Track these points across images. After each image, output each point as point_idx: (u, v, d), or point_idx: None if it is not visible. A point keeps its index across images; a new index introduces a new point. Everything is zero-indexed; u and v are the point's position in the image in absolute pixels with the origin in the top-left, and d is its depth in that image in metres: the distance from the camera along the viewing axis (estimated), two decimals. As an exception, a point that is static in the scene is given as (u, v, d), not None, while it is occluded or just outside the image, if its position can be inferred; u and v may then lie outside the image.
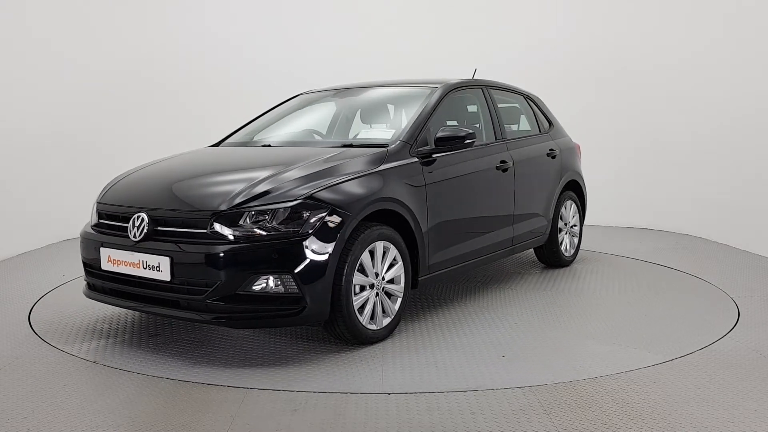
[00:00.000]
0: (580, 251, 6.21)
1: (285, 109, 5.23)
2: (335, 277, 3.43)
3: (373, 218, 3.75)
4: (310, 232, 3.34)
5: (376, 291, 3.70)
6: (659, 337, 3.90)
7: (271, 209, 3.35)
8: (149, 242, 3.48)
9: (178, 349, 3.70)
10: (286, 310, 3.33)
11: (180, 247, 3.38)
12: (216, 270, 3.28)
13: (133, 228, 3.57)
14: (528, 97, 5.74)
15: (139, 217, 3.57)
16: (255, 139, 4.82)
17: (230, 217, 3.35)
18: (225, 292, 3.29)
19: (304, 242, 3.31)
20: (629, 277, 5.39)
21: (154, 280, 3.45)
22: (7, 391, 3.12)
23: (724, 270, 5.57)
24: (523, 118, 5.64)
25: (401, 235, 3.88)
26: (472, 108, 5.12)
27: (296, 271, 3.29)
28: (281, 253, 3.28)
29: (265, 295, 3.31)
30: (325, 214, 3.40)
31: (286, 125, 4.99)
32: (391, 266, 3.79)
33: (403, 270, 3.84)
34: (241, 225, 3.34)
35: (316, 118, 5.18)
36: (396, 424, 2.76)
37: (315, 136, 4.84)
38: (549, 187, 5.45)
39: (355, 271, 3.52)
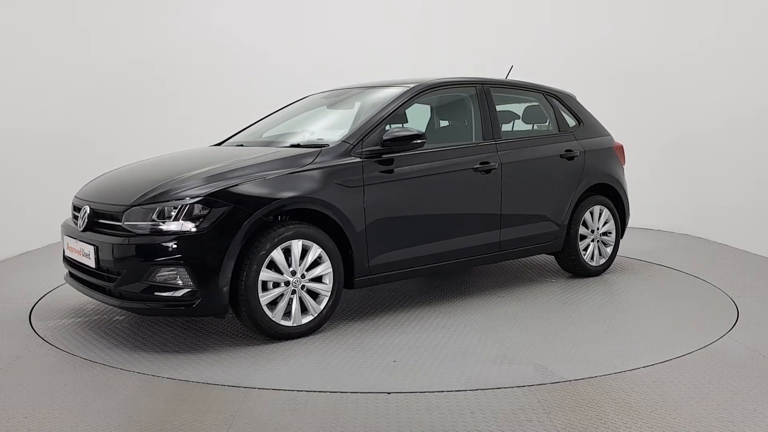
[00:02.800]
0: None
1: (296, 109, 5.20)
2: (236, 272, 3.58)
3: (304, 217, 3.89)
4: (208, 228, 3.52)
5: (292, 288, 3.77)
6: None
7: (175, 205, 3.56)
8: (88, 232, 3.84)
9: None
10: (181, 302, 3.53)
11: (102, 238, 3.71)
12: (121, 260, 3.58)
13: (80, 219, 3.96)
14: (550, 95, 5.41)
15: (83, 209, 3.95)
16: (250, 139, 4.86)
17: (139, 212, 3.62)
18: (131, 281, 3.56)
19: (200, 238, 3.50)
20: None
21: (88, 266, 3.82)
22: (7, 391, 3.12)
23: (724, 270, 5.57)
24: (538, 117, 5.39)
25: (334, 234, 3.94)
26: (458, 107, 5.02)
27: (191, 265, 3.49)
28: (178, 247, 3.48)
29: (166, 286, 3.52)
30: (225, 211, 3.56)
31: (287, 125, 4.97)
32: (317, 265, 3.86)
33: (331, 269, 3.88)
34: (151, 219, 3.58)
35: (331, 117, 5.11)
36: (396, 424, 2.77)
37: (307, 135, 4.81)
38: (561, 190, 5.11)
39: (264, 268, 3.64)
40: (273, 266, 3.70)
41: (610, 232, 5.48)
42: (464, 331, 4.01)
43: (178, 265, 3.49)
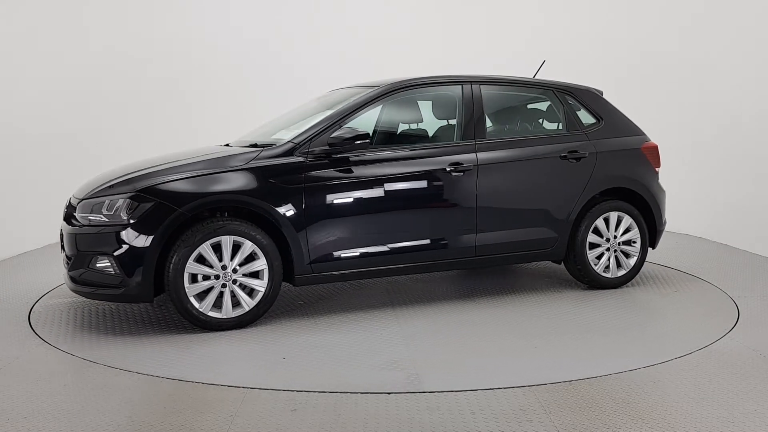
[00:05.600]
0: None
1: (315, 107, 5.10)
2: (161, 263, 3.87)
3: (246, 214, 4.07)
4: (136, 221, 3.83)
5: (222, 282, 3.94)
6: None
7: (113, 200, 3.90)
8: (65, 222, 4.18)
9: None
10: (111, 288, 3.87)
11: (66, 228, 4.11)
12: (69, 248, 4.02)
13: (64, 210, 4.30)
14: (564, 92, 5.03)
15: (66, 201, 4.32)
16: (258, 139, 4.83)
17: (87, 205, 4.00)
18: (78, 267, 3.95)
19: (127, 230, 3.82)
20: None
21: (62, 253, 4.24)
22: (7, 391, 3.12)
23: (724, 270, 5.57)
24: (543, 116, 5.10)
25: (274, 231, 4.07)
26: (440, 106, 4.90)
27: (116, 255, 3.82)
28: (109, 238, 3.84)
29: (102, 273, 3.88)
30: (151, 206, 3.84)
31: (299, 125, 4.89)
32: (254, 261, 4.02)
33: (266, 266, 4.02)
34: (93, 212, 3.96)
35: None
36: (396, 424, 2.77)
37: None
38: (560, 193, 4.76)
39: (192, 261, 3.87)
40: (203, 260, 3.91)
41: (633, 242, 4.96)
42: (392, 336, 3.93)
43: (109, 255, 3.83)
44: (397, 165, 4.37)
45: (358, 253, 4.26)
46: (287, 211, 4.05)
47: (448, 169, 4.44)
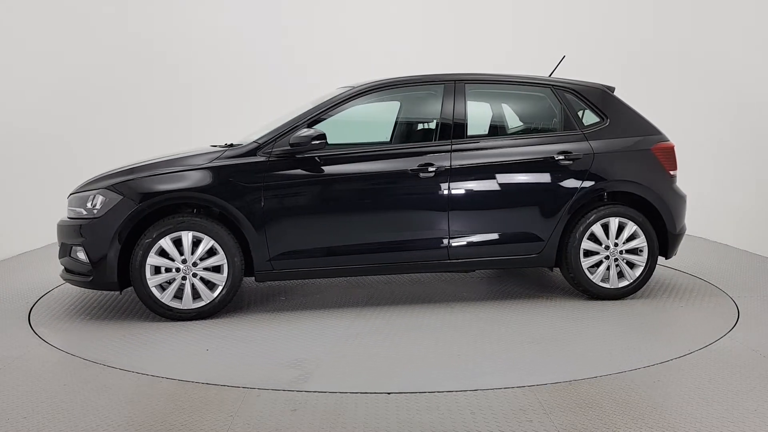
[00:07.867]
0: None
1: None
2: (123, 255, 4.12)
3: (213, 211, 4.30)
4: (103, 216, 4.12)
5: (183, 275, 4.14)
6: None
7: (90, 195, 4.20)
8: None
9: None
10: (83, 276, 4.20)
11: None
12: (57, 237, 4.38)
13: None
14: (564, 89, 4.73)
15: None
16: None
17: (72, 199, 4.35)
18: (63, 255, 4.33)
19: (95, 224, 4.13)
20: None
21: None
22: (7, 391, 3.12)
23: (724, 270, 5.57)
24: (537, 115, 4.94)
25: (236, 227, 4.22)
26: (420, 106, 4.88)
27: (86, 246, 4.14)
28: (82, 230, 4.16)
29: (78, 262, 4.21)
30: (116, 202, 4.11)
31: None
32: (214, 255, 4.19)
33: (225, 261, 4.16)
34: (74, 205, 4.29)
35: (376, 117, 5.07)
36: (396, 424, 2.77)
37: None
38: (548, 196, 4.51)
39: (154, 254, 4.10)
40: (165, 253, 4.13)
41: (640, 250, 4.60)
42: (332, 335, 3.92)
43: (82, 245, 4.14)
44: (363, 165, 4.38)
45: (318, 252, 4.30)
46: (245, 208, 4.17)
47: (419, 171, 4.36)
